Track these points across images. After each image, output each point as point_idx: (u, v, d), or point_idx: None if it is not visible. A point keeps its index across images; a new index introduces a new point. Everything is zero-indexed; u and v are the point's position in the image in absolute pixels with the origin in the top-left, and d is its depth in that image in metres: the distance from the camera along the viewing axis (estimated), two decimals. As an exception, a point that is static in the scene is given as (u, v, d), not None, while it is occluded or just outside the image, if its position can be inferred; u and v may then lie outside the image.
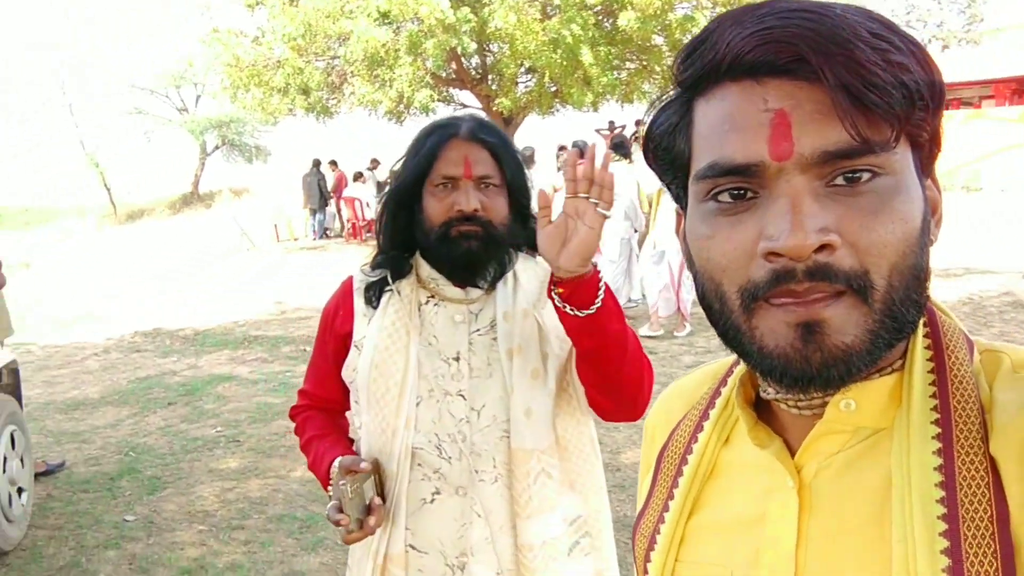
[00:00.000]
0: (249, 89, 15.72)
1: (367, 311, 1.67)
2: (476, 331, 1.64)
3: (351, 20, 13.71)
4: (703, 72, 0.64)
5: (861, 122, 0.58)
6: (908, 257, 0.61)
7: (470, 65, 16.73)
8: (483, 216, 1.56)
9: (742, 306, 0.63)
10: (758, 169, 0.61)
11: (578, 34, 13.62)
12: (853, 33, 0.58)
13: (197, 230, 20.81)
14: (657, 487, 0.82)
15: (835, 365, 0.60)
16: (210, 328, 9.65)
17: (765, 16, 0.60)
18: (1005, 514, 0.58)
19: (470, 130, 1.61)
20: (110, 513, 4.50)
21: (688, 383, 0.90)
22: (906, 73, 0.58)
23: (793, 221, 0.58)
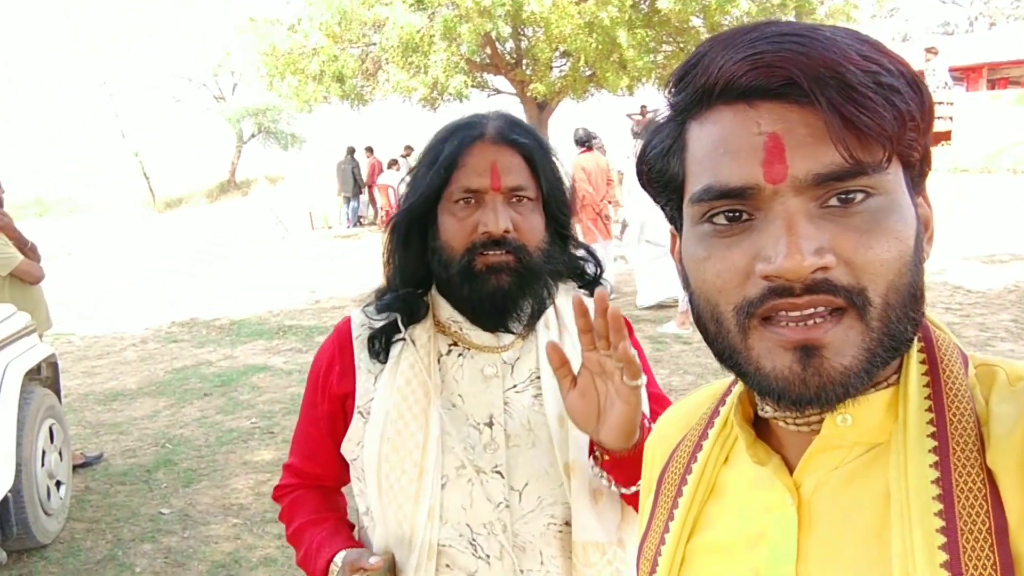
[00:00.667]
0: (285, 77, 15.76)
1: (372, 366, 1.32)
2: (513, 387, 1.31)
3: (386, 7, 13.66)
4: (696, 96, 0.65)
5: (854, 144, 0.58)
6: (904, 275, 0.62)
7: (504, 50, 16.59)
8: (515, 239, 1.24)
9: (738, 325, 0.64)
10: (753, 192, 0.61)
11: (615, 16, 13.41)
12: (843, 56, 0.59)
13: (234, 218, 20.99)
14: (658, 508, 0.83)
15: (833, 388, 0.61)
16: (246, 318, 9.69)
17: (756, 40, 0.61)
18: (1004, 525, 0.58)
19: (498, 130, 1.28)
20: (146, 506, 4.51)
21: (687, 404, 0.91)
22: (896, 95, 0.59)
23: (789, 243, 0.59)
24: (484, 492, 1.26)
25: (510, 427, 1.28)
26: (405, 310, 1.33)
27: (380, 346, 1.32)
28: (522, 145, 1.28)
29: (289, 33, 15.44)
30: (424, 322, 1.33)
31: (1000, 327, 6.57)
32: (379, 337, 1.33)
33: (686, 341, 6.97)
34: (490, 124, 1.29)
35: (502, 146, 1.27)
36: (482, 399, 1.29)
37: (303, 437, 1.43)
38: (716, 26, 14.52)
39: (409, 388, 1.28)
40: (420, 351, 1.31)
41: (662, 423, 0.93)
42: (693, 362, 6.37)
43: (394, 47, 14.12)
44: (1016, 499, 0.59)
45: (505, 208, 1.24)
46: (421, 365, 1.30)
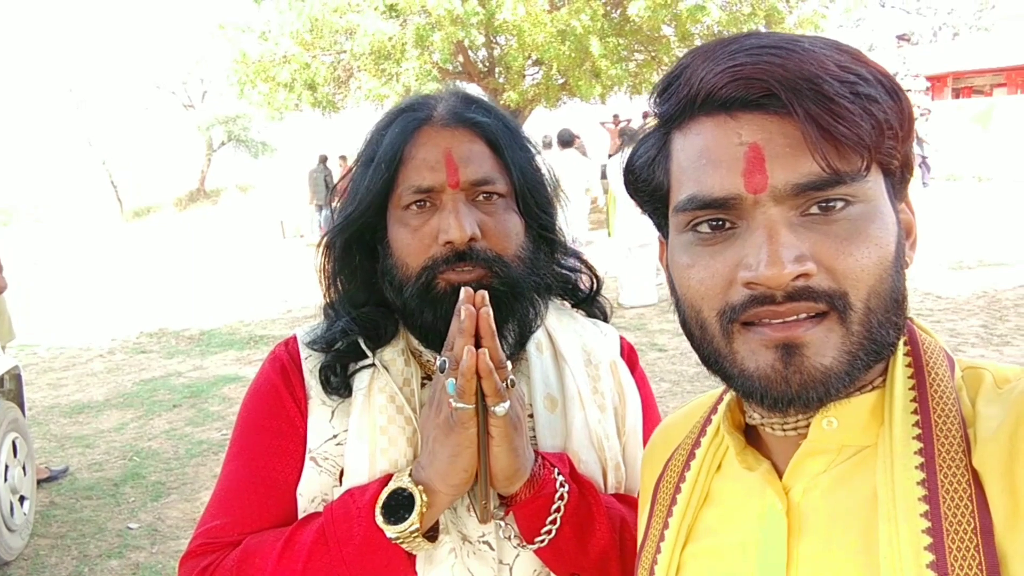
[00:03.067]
0: (255, 84, 15.61)
1: (329, 400, 1.04)
2: None
3: (358, 14, 13.59)
4: (678, 107, 0.67)
5: (831, 154, 0.60)
6: (885, 281, 0.63)
7: (477, 58, 16.59)
8: (485, 249, 0.99)
9: (722, 330, 0.65)
10: (735, 202, 0.63)
11: (587, 25, 13.45)
12: (821, 67, 0.60)
13: (204, 227, 20.75)
14: (654, 517, 0.83)
15: (814, 387, 0.62)
16: (216, 328, 9.55)
17: (736, 52, 0.63)
18: (989, 525, 0.59)
19: (450, 110, 1.03)
20: (114, 521, 4.40)
21: (680, 415, 0.91)
22: (874, 104, 0.61)
23: (770, 252, 0.61)
24: (469, 567, 1.00)
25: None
26: (367, 330, 1.06)
27: (338, 378, 1.04)
28: (482, 126, 1.02)
29: (259, 40, 15.30)
30: (395, 344, 1.07)
31: (970, 332, 6.65)
32: (333, 366, 1.04)
33: (661, 348, 6.98)
34: (440, 104, 1.05)
35: (457, 129, 1.02)
36: None
37: (232, 494, 1.04)
38: (687, 35, 14.63)
39: (395, 426, 1.01)
40: (397, 379, 1.05)
41: (657, 434, 0.93)
42: (668, 369, 6.39)
43: (366, 55, 14.04)
44: (1001, 499, 0.59)
45: (469, 209, 0.99)
46: (401, 396, 1.03)
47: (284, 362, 1.09)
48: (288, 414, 1.05)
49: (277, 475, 1.03)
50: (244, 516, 1.03)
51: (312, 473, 1.02)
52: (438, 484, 0.93)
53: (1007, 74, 18.84)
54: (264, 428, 1.06)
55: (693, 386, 5.97)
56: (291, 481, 1.03)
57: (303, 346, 1.10)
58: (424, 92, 1.12)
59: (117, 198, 28.13)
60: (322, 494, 1.02)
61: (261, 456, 1.04)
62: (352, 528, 0.94)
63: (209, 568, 1.00)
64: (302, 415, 1.05)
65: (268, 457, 1.04)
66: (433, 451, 0.93)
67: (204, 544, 1.03)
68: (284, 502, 1.03)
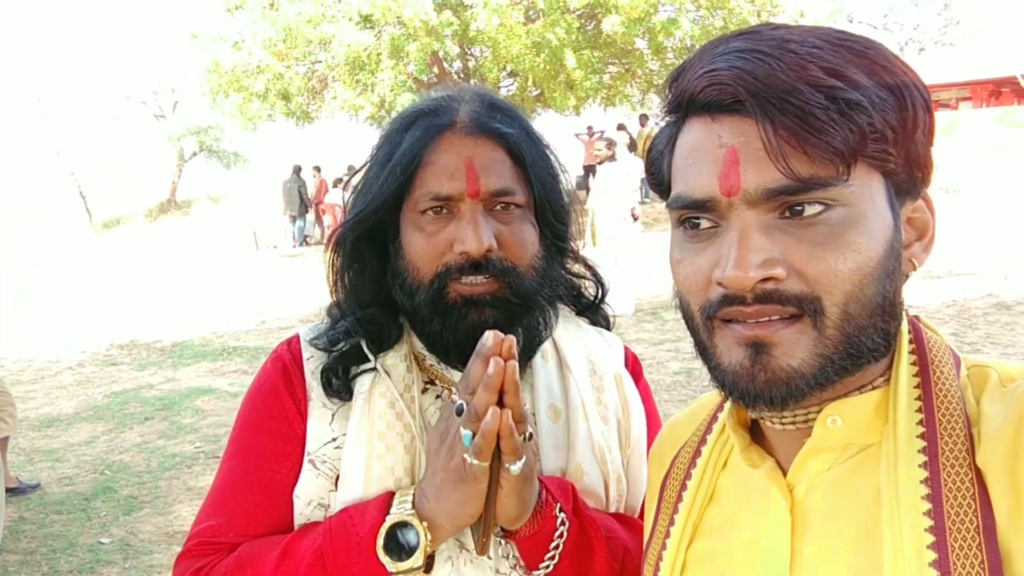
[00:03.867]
0: (228, 94, 15.51)
1: (330, 402, 1.03)
2: None
3: (332, 24, 13.55)
4: (673, 106, 0.69)
5: (799, 160, 0.60)
6: (866, 287, 0.62)
7: (452, 69, 16.62)
8: (501, 259, 0.98)
9: (704, 324, 0.67)
10: (712, 204, 0.64)
11: (562, 37, 13.53)
12: (798, 73, 0.60)
13: (175, 238, 20.52)
14: (660, 515, 0.84)
15: (777, 386, 0.63)
16: (188, 339, 9.43)
17: (719, 56, 0.64)
18: (991, 524, 0.59)
19: (474, 116, 1.01)
20: (84, 535, 4.31)
21: (686, 413, 0.92)
22: (856, 108, 0.60)
23: (737, 255, 0.62)
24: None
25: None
26: (371, 333, 1.04)
27: (339, 381, 1.03)
28: (506, 137, 1.00)
29: (233, 50, 15.22)
30: (398, 348, 1.05)
31: (940, 340, 6.74)
32: (335, 368, 1.03)
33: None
34: (463, 108, 1.02)
35: (480, 138, 0.99)
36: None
37: (229, 491, 1.03)
38: (660, 48, 14.79)
39: (393, 433, 1.00)
40: (399, 385, 1.03)
41: (663, 432, 0.93)
42: (645, 378, 6.39)
43: (340, 65, 14.02)
44: (1004, 498, 0.59)
45: (486, 219, 0.97)
46: (402, 402, 1.01)
47: (286, 362, 1.07)
48: (287, 415, 1.04)
49: (274, 476, 1.02)
50: (240, 517, 1.01)
51: (310, 476, 1.01)
52: (443, 521, 0.92)
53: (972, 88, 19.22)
54: (263, 428, 1.05)
55: (670, 395, 5.99)
56: (288, 483, 1.02)
57: (306, 345, 1.08)
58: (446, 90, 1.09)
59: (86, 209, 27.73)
60: (319, 497, 1.01)
61: (258, 457, 1.03)
62: (351, 557, 0.93)
63: (203, 570, 0.99)
64: (302, 417, 1.04)
65: (265, 458, 1.03)
66: (440, 491, 0.91)
67: (200, 544, 1.01)
68: (280, 504, 1.01)
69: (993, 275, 8.83)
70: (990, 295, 8.17)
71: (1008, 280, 8.67)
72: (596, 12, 14.19)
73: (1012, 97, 18.16)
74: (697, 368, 5.12)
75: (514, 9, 13.86)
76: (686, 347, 4.48)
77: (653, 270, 10.74)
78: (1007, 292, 8.29)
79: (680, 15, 13.79)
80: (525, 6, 14.25)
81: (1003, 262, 9.14)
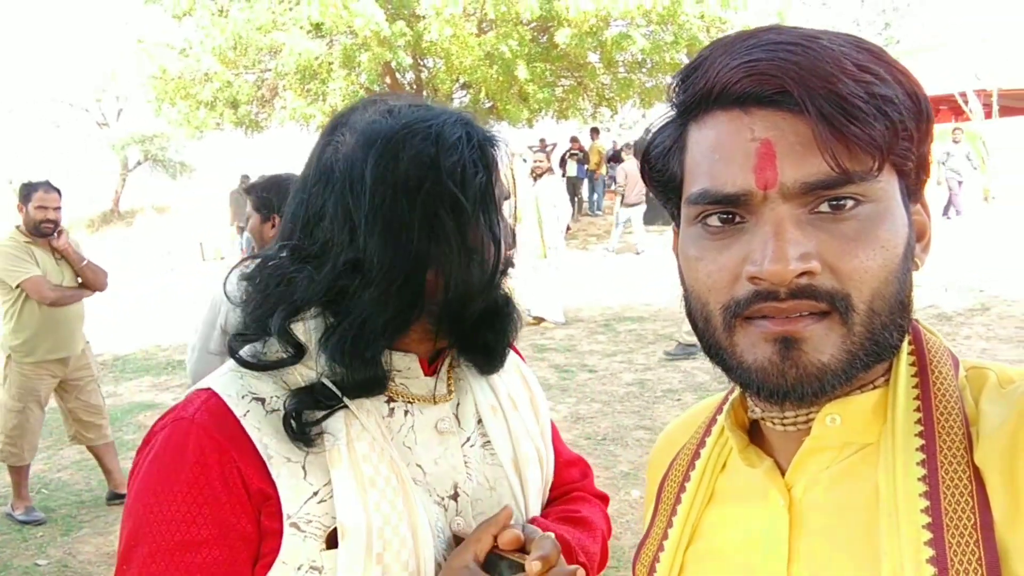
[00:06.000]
0: (175, 102, 15.20)
1: (294, 456, 0.91)
2: (467, 442, 1.04)
3: (283, 32, 13.37)
4: (695, 99, 0.67)
5: (842, 153, 0.60)
6: (891, 284, 0.63)
7: (405, 80, 16.54)
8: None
9: (724, 323, 0.66)
10: (745, 198, 0.63)
11: (515, 49, 13.56)
12: (837, 65, 0.60)
13: (118, 249, 20.01)
14: (658, 516, 0.84)
15: (809, 382, 0.63)
16: (131, 353, 9.19)
17: (753, 47, 0.63)
18: (989, 521, 0.59)
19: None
20: (20, 558, 4.13)
21: (686, 417, 0.92)
22: (889, 104, 0.61)
23: (776, 248, 0.61)
24: None
25: (472, 492, 1.02)
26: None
27: (301, 426, 0.91)
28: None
29: (180, 57, 14.92)
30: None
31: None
32: (297, 414, 0.91)
33: (591, 369, 7.01)
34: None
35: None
36: (444, 465, 1.00)
37: None
38: (612, 62, 14.92)
39: (383, 479, 0.93)
40: (369, 419, 0.96)
41: (662, 437, 0.94)
42: (599, 390, 6.41)
43: (291, 74, 13.84)
44: (1002, 495, 0.60)
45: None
46: (381, 444, 0.95)
47: (211, 433, 0.89)
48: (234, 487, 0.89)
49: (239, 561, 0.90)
50: None
51: (295, 540, 0.89)
52: None
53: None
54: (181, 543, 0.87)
55: (624, 406, 6.00)
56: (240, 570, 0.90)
57: (233, 400, 0.92)
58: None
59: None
60: (309, 561, 0.90)
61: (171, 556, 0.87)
62: None
63: None
64: (260, 479, 0.89)
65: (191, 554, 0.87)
66: None
67: None
68: None
69: (933, 287, 9.06)
70: (931, 306, 8.39)
71: (948, 292, 8.92)
72: (548, 25, 14.27)
73: (950, 115, 18.78)
74: (650, 379, 5.17)
75: (467, 21, 13.85)
76: (639, 359, 4.53)
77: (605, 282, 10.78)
78: (947, 303, 8.53)
79: (632, 30, 13.94)
80: (478, 18, 14.26)
81: (942, 274, 9.39)
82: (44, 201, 4.39)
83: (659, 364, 7.27)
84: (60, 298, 4.44)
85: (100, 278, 4.69)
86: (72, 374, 4.65)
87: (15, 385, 4.48)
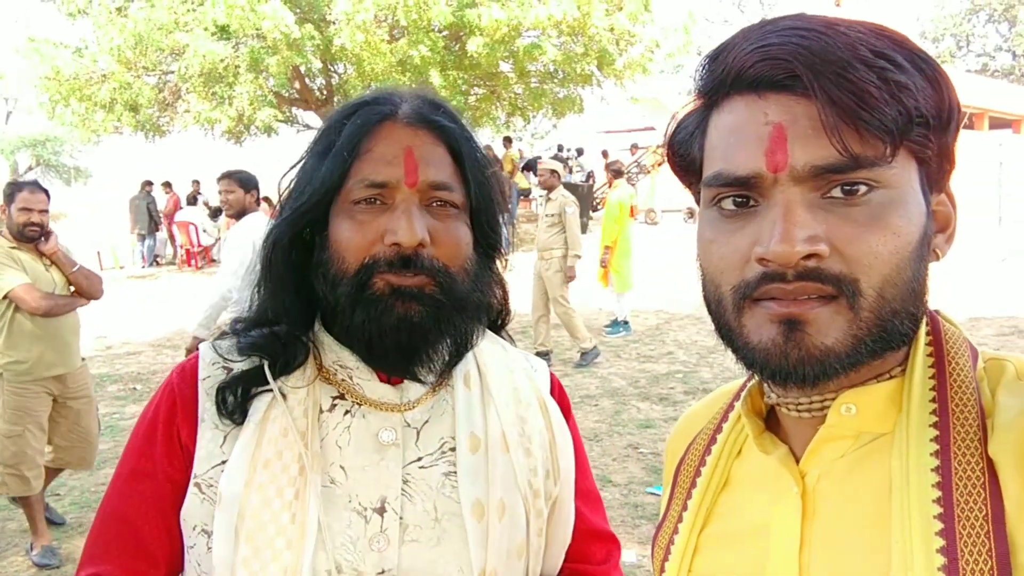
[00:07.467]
0: (69, 104, 14.49)
1: (222, 424, 0.97)
2: (417, 461, 0.98)
3: (186, 33, 12.94)
4: (713, 85, 0.69)
5: (852, 137, 0.60)
6: (902, 271, 0.63)
7: (314, 85, 16.26)
8: (432, 257, 0.93)
9: (734, 305, 0.67)
10: (757, 180, 0.64)
11: (426, 56, 13.51)
12: (850, 51, 0.61)
13: (7, 257, 18.95)
14: (673, 500, 0.85)
15: (811, 364, 0.63)
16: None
17: (769, 33, 0.64)
18: (1000, 512, 0.60)
19: (416, 109, 0.98)
20: None
21: (703, 404, 0.93)
22: (905, 91, 0.61)
23: (783, 230, 0.62)
24: None
25: (409, 516, 0.95)
26: (276, 354, 0.98)
27: (235, 400, 0.96)
28: (447, 131, 0.98)
29: (75, 57, 14.26)
30: (302, 370, 0.99)
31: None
32: (233, 387, 0.97)
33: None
34: (405, 101, 0.99)
35: (421, 129, 0.96)
36: (372, 475, 0.95)
37: (115, 524, 0.99)
38: (524, 72, 15.03)
39: (280, 463, 0.93)
40: (295, 410, 0.96)
41: (680, 421, 0.95)
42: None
43: (195, 76, 13.39)
44: (1014, 487, 0.60)
45: (422, 212, 0.93)
46: (295, 432, 0.95)
47: (175, 385, 1.01)
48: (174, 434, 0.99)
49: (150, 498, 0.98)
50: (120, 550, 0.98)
51: (195, 499, 0.95)
52: None
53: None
54: (145, 447, 1.00)
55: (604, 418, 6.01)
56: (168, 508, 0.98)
57: (204, 363, 1.02)
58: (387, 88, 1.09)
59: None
60: (202, 523, 0.95)
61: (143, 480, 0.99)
62: None
63: None
64: (190, 436, 0.98)
65: (134, 504, 0.99)
66: None
67: None
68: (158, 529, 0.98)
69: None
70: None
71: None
72: (460, 33, 14.28)
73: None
74: (568, 385, 5.14)
75: (379, 27, 13.73)
76: (556, 366, 4.50)
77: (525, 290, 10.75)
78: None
79: (543, 41, 14.09)
80: (390, 24, 14.15)
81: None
82: (28, 203, 3.90)
83: (576, 371, 7.36)
84: (53, 307, 3.95)
85: (94, 285, 4.20)
86: (69, 392, 4.14)
87: (9, 407, 3.97)
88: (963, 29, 35.59)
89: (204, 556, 0.94)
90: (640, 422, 5.91)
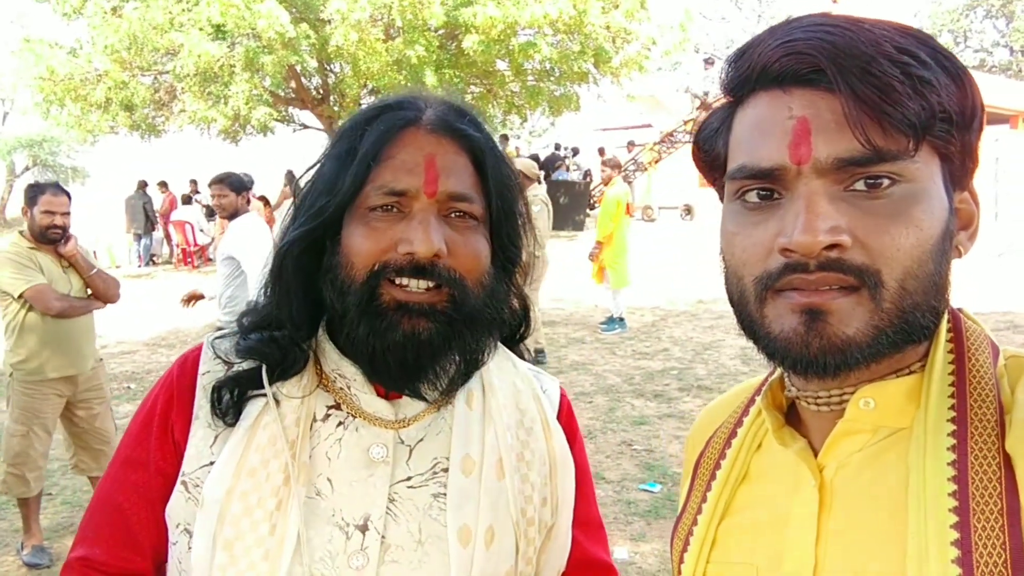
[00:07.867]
0: (65, 104, 14.46)
1: (215, 423, 0.96)
2: (406, 480, 0.95)
3: (181, 33, 12.90)
4: (738, 81, 0.70)
5: (874, 131, 0.61)
6: (924, 264, 0.64)
7: (311, 85, 16.23)
8: (448, 268, 0.90)
9: (756, 296, 0.68)
10: (780, 173, 0.65)
11: (422, 56, 13.49)
12: (874, 46, 0.62)
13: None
14: (693, 492, 0.86)
15: (832, 354, 0.64)
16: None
17: (794, 29, 0.66)
18: (1016, 507, 0.60)
19: (440, 117, 0.95)
20: None
21: (725, 398, 0.94)
22: (928, 86, 0.62)
23: (806, 220, 0.63)
24: None
25: (391, 535, 0.92)
26: (273, 360, 0.96)
27: (229, 401, 0.95)
28: (471, 140, 0.94)
29: (70, 57, 14.22)
30: (300, 377, 0.97)
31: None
32: (229, 388, 0.95)
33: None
34: (429, 107, 0.96)
35: (444, 137, 0.93)
36: (359, 490, 0.93)
37: (106, 512, 0.99)
38: (520, 70, 15.00)
39: (265, 472, 0.92)
40: (287, 418, 0.94)
41: (702, 415, 0.96)
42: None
43: (190, 76, 13.36)
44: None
45: (440, 223, 0.90)
46: (283, 441, 0.93)
47: (174, 378, 1.01)
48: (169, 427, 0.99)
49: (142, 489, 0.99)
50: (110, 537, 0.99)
51: (180, 497, 0.95)
52: None
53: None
54: (150, 436, 1.00)
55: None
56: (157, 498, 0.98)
57: (206, 358, 1.01)
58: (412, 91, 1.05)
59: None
60: (186, 523, 0.94)
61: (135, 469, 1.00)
62: None
63: None
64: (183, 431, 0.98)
65: (125, 492, 0.99)
66: None
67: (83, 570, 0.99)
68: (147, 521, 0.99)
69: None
70: None
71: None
72: (456, 32, 14.26)
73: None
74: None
75: (374, 26, 13.70)
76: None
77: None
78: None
79: (538, 39, 14.06)
80: (385, 23, 14.12)
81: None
82: (51, 205, 3.91)
83: (570, 368, 7.36)
84: (67, 309, 3.97)
85: (111, 288, 4.24)
86: (81, 395, 4.15)
87: (18, 407, 4.00)
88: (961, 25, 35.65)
89: (185, 555, 0.93)
90: (634, 419, 5.90)
